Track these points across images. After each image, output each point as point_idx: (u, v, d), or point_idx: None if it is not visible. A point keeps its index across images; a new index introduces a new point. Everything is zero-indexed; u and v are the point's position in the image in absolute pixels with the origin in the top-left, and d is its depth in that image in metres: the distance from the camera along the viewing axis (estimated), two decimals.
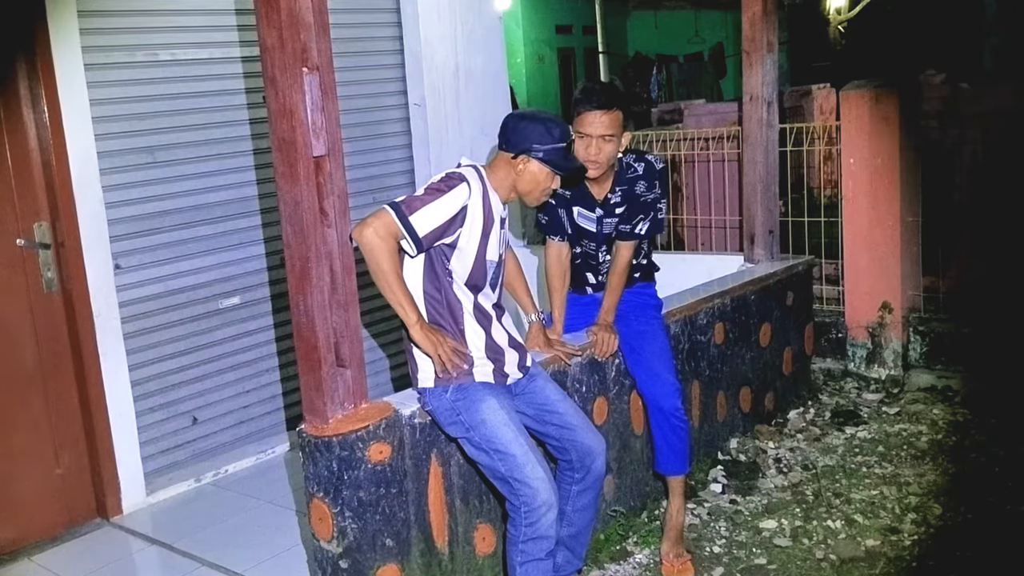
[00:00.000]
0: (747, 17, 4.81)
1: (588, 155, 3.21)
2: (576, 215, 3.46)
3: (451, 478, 3.03)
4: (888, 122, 5.03)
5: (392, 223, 2.67)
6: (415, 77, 5.17)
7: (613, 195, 3.41)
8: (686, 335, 4.09)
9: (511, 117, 2.90)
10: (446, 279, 2.81)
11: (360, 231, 2.67)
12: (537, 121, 2.83)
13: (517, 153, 2.82)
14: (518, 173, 2.84)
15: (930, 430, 4.48)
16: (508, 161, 2.85)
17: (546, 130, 2.80)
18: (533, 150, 2.80)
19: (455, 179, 2.77)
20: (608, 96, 3.20)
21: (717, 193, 6.41)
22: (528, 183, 2.86)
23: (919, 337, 5.15)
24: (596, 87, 3.31)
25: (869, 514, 3.71)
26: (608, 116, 3.17)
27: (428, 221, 2.69)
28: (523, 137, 2.81)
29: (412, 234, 2.68)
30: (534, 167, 2.83)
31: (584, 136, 3.21)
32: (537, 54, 16.29)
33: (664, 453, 3.53)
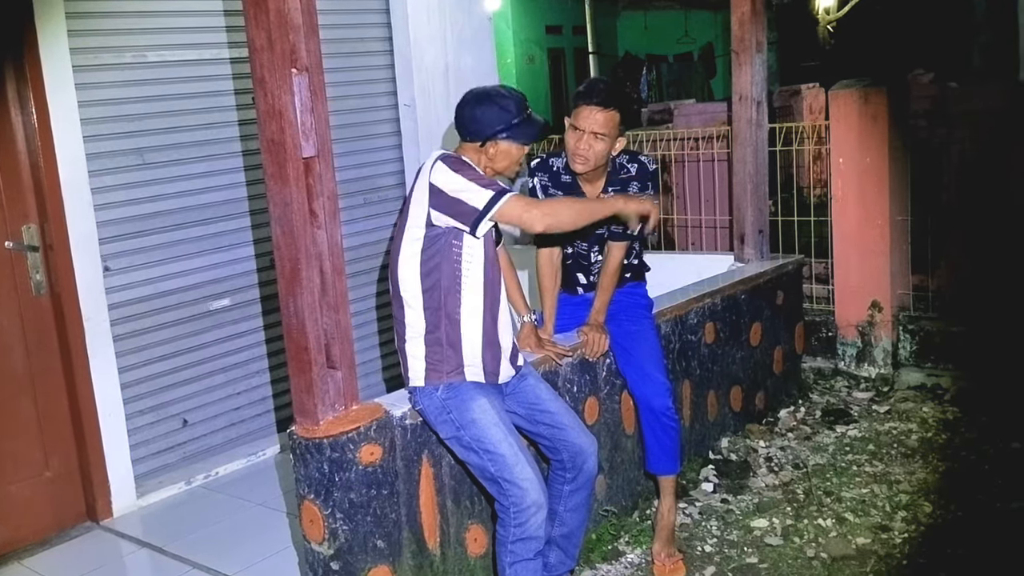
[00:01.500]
0: (736, 17, 4.82)
1: (577, 149, 3.22)
2: None
3: (442, 479, 3.02)
4: (877, 121, 5.05)
5: (516, 198, 2.72)
6: (405, 77, 5.16)
7: (606, 195, 3.41)
8: (677, 335, 4.09)
9: (464, 107, 2.86)
10: (452, 268, 2.78)
11: (539, 223, 2.75)
12: (491, 102, 2.82)
13: (484, 141, 2.83)
14: (491, 157, 2.86)
15: (920, 428, 4.50)
16: (476, 149, 2.85)
17: (502, 109, 2.81)
18: (499, 133, 2.82)
19: (458, 158, 2.79)
20: (609, 95, 3.20)
21: (707, 193, 6.43)
22: (504, 161, 2.88)
23: (909, 336, 5.17)
24: (600, 84, 3.30)
25: (860, 512, 3.72)
26: (604, 114, 3.17)
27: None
28: (484, 124, 2.81)
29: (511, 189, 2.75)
30: (504, 146, 2.85)
31: (576, 129, 3.21)
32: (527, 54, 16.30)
33: (655, 453, 3.53)
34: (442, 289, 2.79)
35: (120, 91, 4.08)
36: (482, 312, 2.86)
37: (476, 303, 2.84)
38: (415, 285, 2.80)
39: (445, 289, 2.79)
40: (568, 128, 3.27)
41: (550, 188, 3.46)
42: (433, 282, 2.79)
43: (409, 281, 2.80)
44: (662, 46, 18.34)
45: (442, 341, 2.82)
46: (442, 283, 2.79)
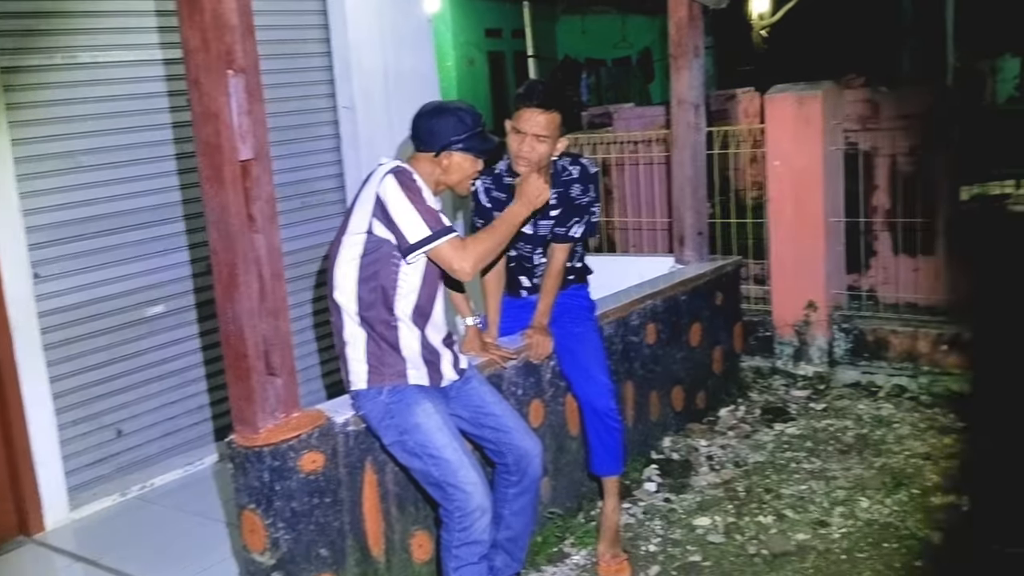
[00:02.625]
0: (674, 22, 4.88)
1: (520, 152, 3.22)
2: None
3: (386, 485, 3.00)
4: (811, 125, 5.16)
5: (451, 244, 2.72)
6: (344, 79, 5.11)
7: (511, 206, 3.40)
8: (619, 336, 4.12)
9: (420, 118, 2.87)
10: (391, 273, 2.76)
11: (467, 269, 2.75)
12: (448, 114, 2.84)
13: (438, 151, 2.82)
14: (444, 169, 2.85)
15: (855, 425, 4.60)
16: (430, 160, 2.84)
17: (459, 120, 2.82)
18: (453, 144, 2.81)
19: (409, 173, 2.76)
20: (549, 96, 3.21)
21: (647, 195, 6.50)
22: (456, 175, 2.88)
23: (843, 334, 5.28)
24: (540, 86, 3.32)
25: (799, 509, 3.79)
26: (545, 116, 3.18)
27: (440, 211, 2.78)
28: (439, 134, 2.81)
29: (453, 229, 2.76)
30: (458, 158, 2.85)
31: (519, 132, 3.21)
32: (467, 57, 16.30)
33: (599, 454, 3.55)
34: (381, 294, 2.77)
35: (50, 93, 3.96)
36: (421, 317, 2.84)
37: (415, 308, 2.82)
38: (354, 290, 2.78)
39: (384, 294, 2.77)
40: (510, 131, 3.27)
41: (493, 191, 3.46)
42: (372, 287, 2.77)
43: (348, 286, 2.78)
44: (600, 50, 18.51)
45: (382, 344, 2.80)
46: (381, 288, 2.77)
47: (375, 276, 2.76)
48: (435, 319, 2.90)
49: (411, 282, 2.79)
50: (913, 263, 5.68)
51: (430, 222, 2.70)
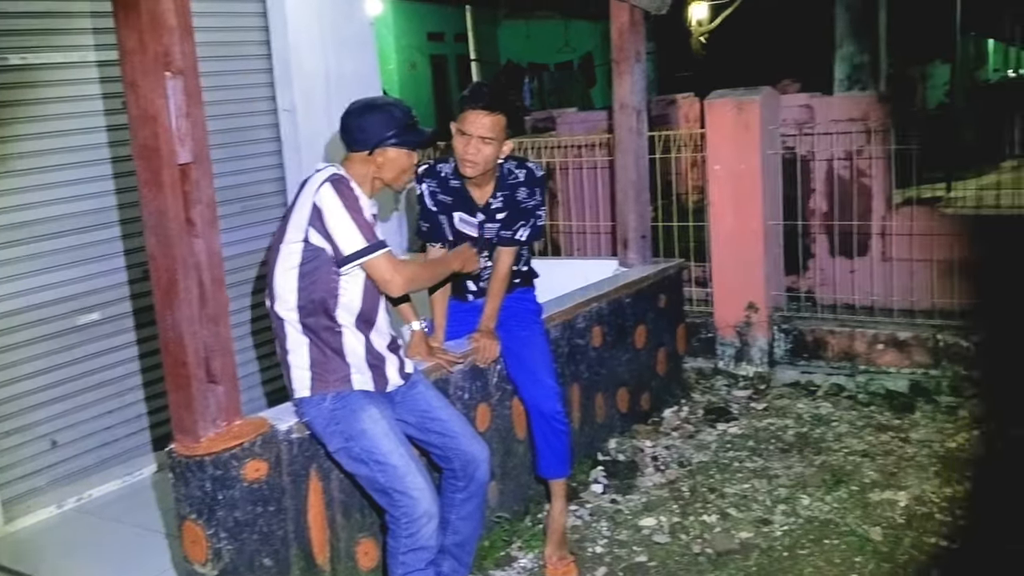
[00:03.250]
0: (615, 27, 4.92)
1: (465, 154, 3.22)
2: (457, 221, 3.45)
3: (331, 493, 2.96)
4: (749, 130, 5.24)
5: (387, 256, 2.73)
6: (284, 82, 5.04)
7: (495, 200, 3.42)
8: (565, 339, 4.14)
9: (350, 116, 2.83)
10: (330, 281, 2.74)
11: (396, 286, 2.77)
12: (377, 110, 2.82)
13: (372, 149, 2.80)
14: (379, 166, 2.82)
15: (796, 424, 4.68)
16: (364, 159, 2.81)
17: (389, 116, 2.80)
18: (386, 140, 2.79)
19: (346, 181, 2.73)
20: (494, 99, 3.22)
21: (591, 199, 6.54)
22: (392, 171, 2.85)
23: (783, 335, 5.38)
24: (485, 88, 3.32)
25: (742, 507, 3.84)
26: (491, 118, 3.18)
27: (374, 227, 2.76)
28: (371, 132, 2.79)
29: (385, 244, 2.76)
30: (392, 154, 2.82)
31: (464, 134, 3.21)
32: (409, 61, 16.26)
33: (546, 457, 3.55)
34: (322, 301, 2.74)
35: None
36: (365, 323, 2.82)
37: (358, 315, 2.80)
38: (294, 299, 2.75)
39: (325, 301, 2.74)
40: (455, 133, 3.26)
41: (439, 194, 3.45)
42: (312, 296, 2.74)
43: (288, 292, 2.75)
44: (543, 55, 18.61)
45: (326, 350, 2.77)
46: (321, 295, 2.74)
47: (315, 285, 2.73)
48: (379, 325, 2.88)
49: (352, 290, 2.77)
50: (849, 265, 5.82)
51: (366, 235, 2.68)
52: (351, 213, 2.68)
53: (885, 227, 5.70)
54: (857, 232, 5.70)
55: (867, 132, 5.65)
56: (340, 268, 2.71)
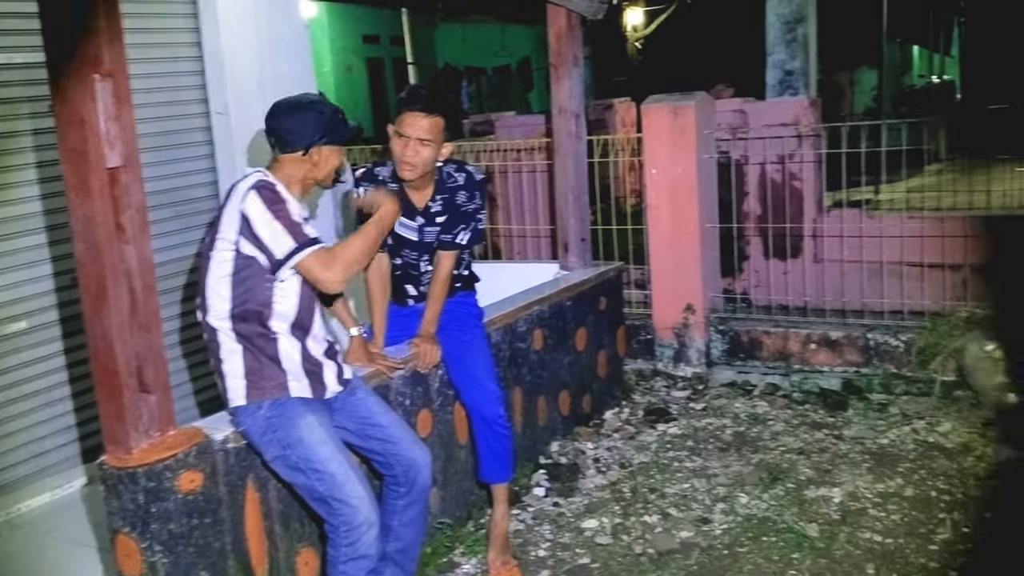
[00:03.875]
0: (553, 32, 4.94)
1: (404, 156, 3.20)
2: (396, 224, 3.42)
3: (269, 503, 2.91)
4: (685, 134, 5.31)
5: (317, 255, 2.65)
6: (217, 84, 4.95)
7: (434, 203, 3.40)
8: (507, 343, 4.13)
9: (277, 118, 2.78)
10: (267, 295, 2.69)
11: (332, 282, 2.68)
12: (304, 109, 2.78)
13: (307, 148, 2.76)
14: (315, 164, 2.79)
15: (733, 423, 4.75)
16: (298, 160, 2.77)
17: (319, 114, 2.77)
18: (320, 138, 2.76)
19: (272, 186, 2.68)
20: (432, 101, 3.20)
21: (530, 203, 6.56)
22: (325, 169, 2.83)
23: (720, 335, 5.46)
24: (422, 90, 3.31)
25: (682, 507, 3.88)
26: (429, 120, 3.17)
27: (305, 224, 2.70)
28: (304, 132, 2.75)
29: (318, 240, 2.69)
30: (326, 152, 2.80)
31: (402, 137, 3.19)
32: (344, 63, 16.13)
33: (488, 461, 3.54)
34: (256, 308, 2.70)
35: None
36: (301, 330, 2.78)
37: (293, 322, 2.76)
38: (227, 305, 2.70)
39: (259, 308, 2.70)
40: (393, 136, 3.24)
41: None
42: (246, 303, 2.69)
43: (221, 301, 2.69)
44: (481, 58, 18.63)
45: (261, 357, 2.72)
46: (255, 302, 2.69)
47: (248, 293, 2.68)
48: (315, 331, 2.84)
49: (288, 299, 2.73)
50: (783, 266, 5.94)
51: (295, 235, 2.64)
52: (278, 217, 2.63)
53: (816, 229, 5.83)
54: (790, 234, 5.82)
55: (798, 137, 5.77)
56: (276, 273, 2.67)
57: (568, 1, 4.79)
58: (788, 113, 5.85)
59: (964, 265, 5.24)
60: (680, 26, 15.82)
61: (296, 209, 2.71)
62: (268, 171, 2.78)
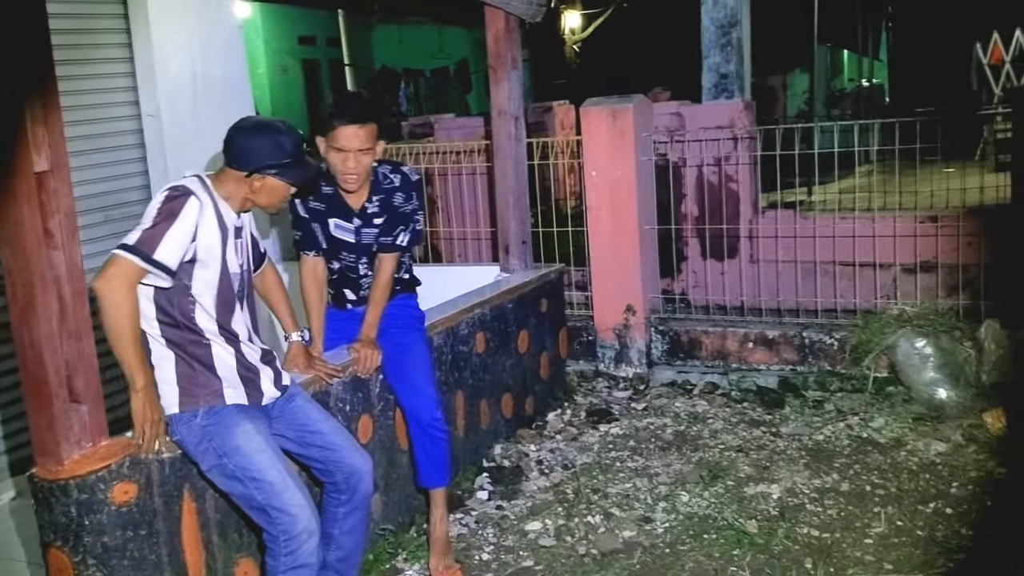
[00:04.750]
0: (491, 34, 4.94)
1: (346, 170, 3.20)
2: (333, 227, 3.39)
3: (207, 513, 2.85)
4: (624, 137, 5.36)
5: (135, 269, 2.51)
6: (147, 86, 4.86)
7: (370, 204, 3.39)
8: (449, 346, 4.12)
9: (237, 132, 2.72)
10: (187, 304, 2.64)
11: (102, 285, 2.47)
12: (266, 135, 2.70)
13: (250, 172, 2.69)
14: (254, 191, 2.72)
15: (674, 422, 4.80)
16: (240, 179, 2.71)
17: (276, 145, 2.68)
18: (267, 168, 2.69)
19: (181, 195, 2.60)
20: (363, 110, 3.20)
21: (470, 205, 6.55)
22: (266, 198, 2.76)
23: (660, 336, 5.52)
24: (350, 101, 3.30)
25: (625, 506, 3.91)
26: (364, 130, 3.16)
27: (174, 249, 2.55)
28: (254, 156, 2.67)
29: (163, 268, 2.54)
30: (271, 183, 2.72)
31: (341, 151, 3.17)
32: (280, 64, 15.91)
33: (424, 466, 3.52)
34: (180, 315, 2.65)
35: None
36: (231, 335, 2.73)
37: (221, 326, 2.71)
38: (151, 312, 2.64)
39: (183, 315, 2.65)
40: (328, 150, 3.22)
41: (311, 201, 3.40)
42: (169, 308, 2.64)
43: (145, 308, 2.63)
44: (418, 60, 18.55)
45: (194, 364, 2.67)
46: (178, 309, 2.64)
47: (169, 297, 2.63)
48: (249, 336, 2.79)
49: (205, 301, 2.67)
50: (720, 267, 6.02)
51: (144, 235, 2.52)
52: (156, 217, 2.55)
53: (752, 230, 5.93)
54: (726, 235, 5.90)
55: (734, 139, 5.87)
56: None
57: (506, 4, 4.80)
58: (724, 116, 5.94)
59: (894, 264, 5.38)
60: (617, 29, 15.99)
61: (184, 230, 2.57)
62: (209, 179, 2.72)
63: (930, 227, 5.33)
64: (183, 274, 2.61)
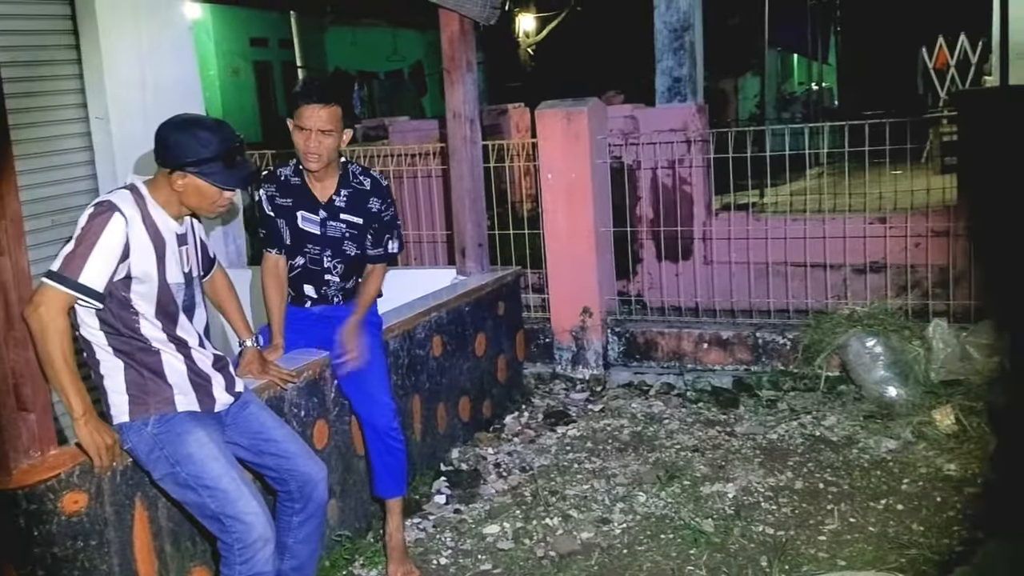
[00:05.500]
0: (445, 37, 4.93)
1: (308, 147, 3.21)
2: (300, 220, 3.40)
3: (159, 522, 2.80)
4: (579, 140, 5.38)
5: (60, 296, 2.45)
6: (96, 89, 4.76)
7: (338, 197, 3.40)
8: (405, 350, 4.10)
9: (165, 127, 2.64)
10: (129, 317, 2.59)
11: (29, 314, 2.42)
12: (190, 131, 2.61)
13: (172, 169, 2.61)
14: (179, 190, 2.63)
15: (630, 423, 4.83)
16: (165, 177, 2.64)
17: (198, 142, 2.58)
18: (186, 165, 2.59)
19: (104, 213, 2.52)
20: (327, 90, 3.23)
21: (426, 208, 6.53)
22: (194, 199, 2.65)
23: (616, 337, 5.55)
24: (315, 81, 3.34)
25: (582, 508, 3.92)
26: (327, 110, 3.18)
27: (100, 271, 2.48)
28: (176, 152, 2.59)
29: (90, 293, 2.48)
30: (195, 183, 2.62)
31: (303, 129, 3.20)
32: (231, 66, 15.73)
33: (381, 475, 3.50)
34: (124, 327, 2.60)
35: None
36: (179, 343, 2.69)
37: (168, 334, 2.66)
38: (96, 322, 2.59)
39: (127, 327, 2.60)
40: (294, 130, 3.25)
41: (277, 198, 3.41)
42: (112, 320, 2.59)
43: (89, 318, 2.59)
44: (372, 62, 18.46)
45: (144, 372, 2.63)
46: (121, 321, 2.59)
47: (110, 309, 2.57)
48: (199, 342, 2.75)
49: (146, 312, 2.62)
50: (675, 268, 6.08)
51: (65, 260, 2.47)
52: (79, 238, 2.49)
53: (706, 232, 5.99)
54: (681, 237, 5.96)
55: (688, 142, 5.92)
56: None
57: (461, 6, 4.79)
58: (677, 119, 6.00)
59: (845, 264, 5.47)
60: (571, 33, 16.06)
61: (111, 248, 2.51)
62: (147, 185, 2.67)
63: (879, 228, 5.44)
64: (120, 290, 2.55)
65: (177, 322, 2.69)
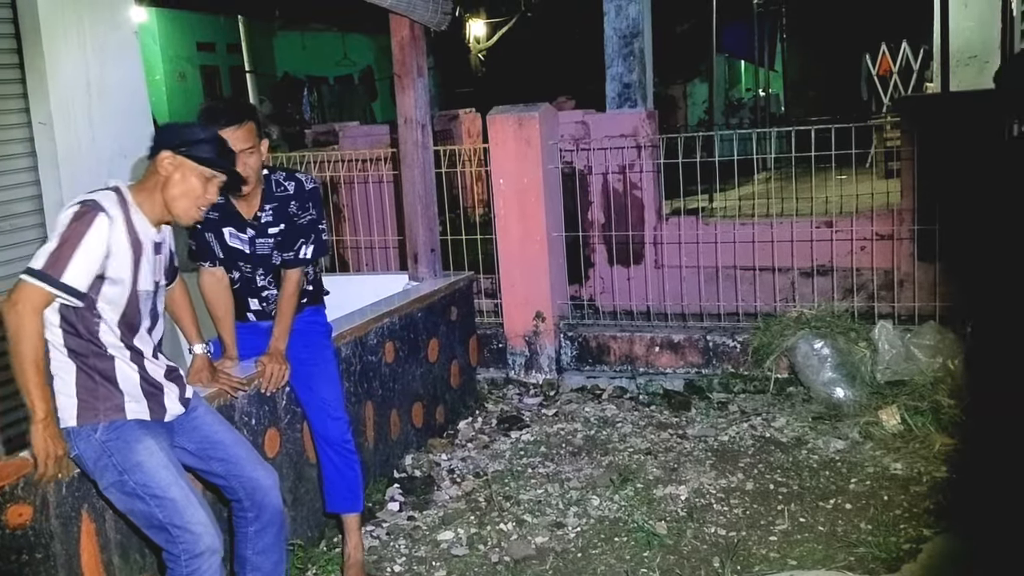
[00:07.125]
0: (396, 42, 4.91)
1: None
2: (228, 237, 3.29)
3: (107, 534, 2.75)
4: (531, 145, 5.40)
5: (42, 295, 2.43)
6: (38, 93, 4.67)
7: (263, 213, 3.29)
8: (357, 356, 4.07)
9: (161, 126, 2.72)
10: (92, 319, 2.54)
11: (7, 310, 2.38)
12: (184, 124, 2.72)
13: (163, 149, 2.60)
14: (165, 173, 2.59)
15: (584, 427, 4.85)
16: (151, 172, 2.62)
17: (192, 129, 2.68)
18: (179, 146, 2.59)
19: (90, 212, 2.49)
20: (235, 111, 3.12)
21: (377, 214, 6.50)
22: (178, 187, 2.60)
23: (569, 342, 5.57)
24: (219, 105, 3.23)
25: (537, 512, 3.93)
26: (242, 130, 3.06)
27: (83, 271, 2.46)
28: (169, 134, 2.64)
29: (73, 292, 2.46)
30: (185, 167, 2.59)
31: None
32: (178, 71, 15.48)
33: (338, 488, 3.46)
34: (83, 328, 2.55)
35: None
36: (135, 351, 2.64)
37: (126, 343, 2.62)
38: (55, 321, 2.54)
39: (87, 329, 2.55)
40: None
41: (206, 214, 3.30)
42: (73, 319, 2.54)
43: (48, 314, 2.52)
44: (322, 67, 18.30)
45: (95, 376, 2.58)
46: (82, 323, 2.55)
47: (73, 310, 2.53)
48: (154, 352, 2.70)
49: (109, 318, 2.57)
50: (626, 272, 6.13)
51: (49, 259, 2.44)
52: (63, 236, 2.46)
53: (657, 236, 6.05)
54: (632, 241, 6.01)
55: (638, 147, 5.98)
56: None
57: (411, 11, 4.78)
58: (627, 125, 6.05)
59: (792, 268, 5.56)
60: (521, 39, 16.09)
61: (94, 250, 2.48)
62: (130, 189, 2.62)
63: (825, 232, 5.54)
64: (90, 290, 2.51)
65: (137, 332, 2.64)
